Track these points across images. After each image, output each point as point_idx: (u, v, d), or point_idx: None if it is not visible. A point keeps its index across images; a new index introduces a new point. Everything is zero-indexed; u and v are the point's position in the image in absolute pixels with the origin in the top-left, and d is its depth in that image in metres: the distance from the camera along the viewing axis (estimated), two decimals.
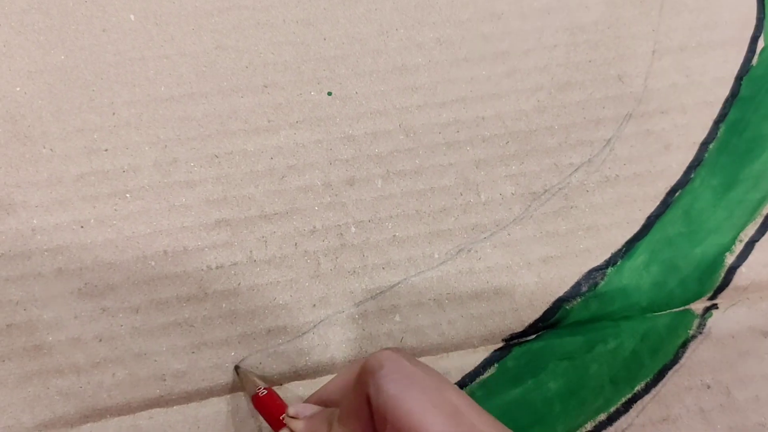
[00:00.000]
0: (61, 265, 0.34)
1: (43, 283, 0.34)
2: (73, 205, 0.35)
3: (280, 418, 0.30)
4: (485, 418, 0.24)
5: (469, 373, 0.35)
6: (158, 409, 0.33)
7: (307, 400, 0.31)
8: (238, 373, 0.34)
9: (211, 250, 0.35)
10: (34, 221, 0.35)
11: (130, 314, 0.34)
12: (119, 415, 0.33)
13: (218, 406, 0.34)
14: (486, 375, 0.35)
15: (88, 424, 0.33)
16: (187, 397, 0.34)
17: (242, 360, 0.34)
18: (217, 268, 0.35)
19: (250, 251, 0.35)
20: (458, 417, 0.23)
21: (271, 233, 0.36)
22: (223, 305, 0.35)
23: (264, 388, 0.32)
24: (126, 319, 0.34)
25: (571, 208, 0.37)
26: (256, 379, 0.33)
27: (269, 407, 0.31)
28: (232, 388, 0.34)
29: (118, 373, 0.33)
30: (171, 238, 0.35)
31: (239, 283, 0.35)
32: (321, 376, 0.34)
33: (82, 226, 0.35)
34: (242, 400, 0.34)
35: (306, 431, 0.28)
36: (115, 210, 0.35)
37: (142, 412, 0.33)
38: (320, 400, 0.30)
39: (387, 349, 0.26)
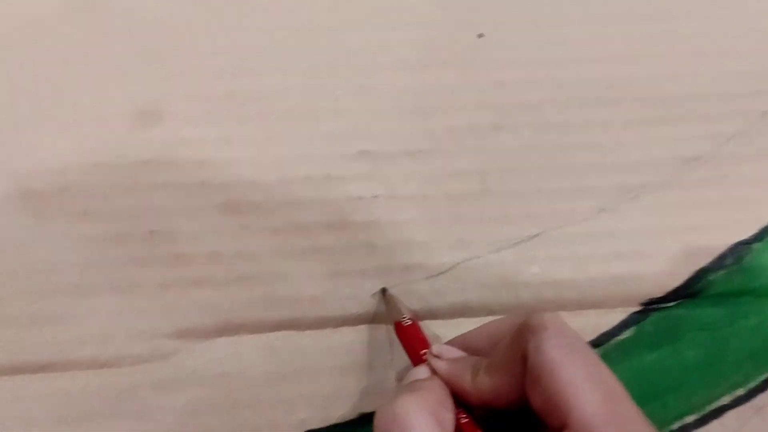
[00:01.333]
0: (205, 179, 0.34)
1: (186, 194, 0.34)
2: (220, 121, 0.35)
3: (421, 353, 0.29)
4: (633, 405, 0.23)
5: (606, 332, 0.34)
6: (292, 332, 0.33)
7: (449, 343, 0.30)
8: (384, 296, 0.33)
9: (352, 181, 0.35)
10: (182, 132, 0.35)
11: (270, 235, 0.34)
12: (253, 332, 0.33)
13: (350, 335, 0.33)
14: (622, 337, 0.34)
15: (223, 338, 0.33)
16: (321, 323, 0.34)
17: (374, 294, 0.34)
18: (358, 198, 0.35)
19: (392, 186, 0.35)
20: (615, 400, 0.23)
21: (414, 170, 0.35)
22: (362, 236, 0.34)
23: (408, 318, 0.31)
24: (266, 239, 0.34)
25: (722, 178, 0.36)
26: (401, 306, 0.32)
27: (411, 339, 0.31)
28: (366, 319, 0.34)
29: (255, 290, 0.33)
30: (314, 165, 0.35)
31: (379, 217, 0.35)
32: (455, 318, 0.34)
33: (227, 143, 0.35)
34: (376, 332, 0.33)
35: (448, 373, 0.27)
36: (261, 130, 0.35)
37: (276, 333, 0.33)
38: (463, 346, 0.29)
39: (547, 311, 0.25)
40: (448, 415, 0.26)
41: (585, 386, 0.23)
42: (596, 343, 0.34)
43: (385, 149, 0.35)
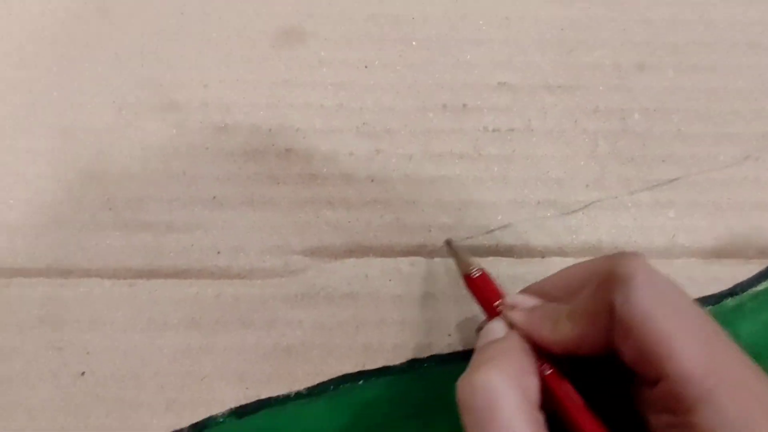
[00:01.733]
0: (343, 101, 0.34)
1: (324, 115, 0.34)
2: (360, 44, 0.35)
3: (495, 305, 0.28)
4: (735, 351, 0.22)
5: (742, 282, 0.33)
6: (420, 258, 0.33)
7: (522, 292, 0.29)
8: (449, 248, 0.32)
9: (489, 112, 0.34)
10: (322, 53, 0.35)
11: (404, 161, 0.34)
12: (383, 256, 0.33)
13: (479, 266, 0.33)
14: (759, 288, 0.33)
15: (352, 259, 0.33)
16: (450, 252, 0.33)
17: (505, 226, 0.33)
18: (493, 130, 0.34)
19: (529, 120, 0.34)
20: (711, 346, 0.22)
21: (552, 105, 0.34)
22: (495, 169, 0.34)
23: (477, 270, 0.30)
24: (399, 164, 0.34)
25: None
26: (469, 258, 0.31)
27: (483, 290, 0.29)
28: (494, 251, 0.33)
29: (386, 215, 0.33)
30: (451, 94, 0.34)
31: (514, 150, 0.34)
32: (584, 256, 0.33)
33: (366, 66, 0.35)
34: (501, 263, 0.33)
35: (526, 324, 0.26)
36: (400, 56, 0.35)
37: (405, 258, 0.33)
38: (538, 294, 0.28)
39: (632, 254, 0.24)
40: (531, 380, 0.24)
41: (681, 338, 0.21)
42: (731, 293, 0.33)
43: (524, 82, 0.34)
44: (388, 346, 0.32)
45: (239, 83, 0.34)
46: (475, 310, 0.33)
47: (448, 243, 0.32)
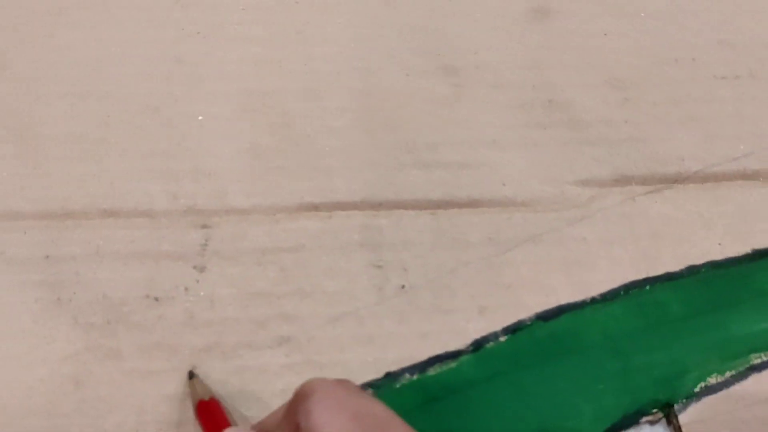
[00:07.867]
0: (591, 61, 0.40)
1: (577, 73, 0.40)
2: (600, 17, 0.42)
3: None
4: None
5: None
6: (679, 184, 0.38)
7: (253, 428, 0.31)
8: (189, 378, 0.33)
9: (716, 64, 0.40)
10: (568, 26, 0.41)
11: (649, 106, 0.40)
12: (644, 184, 0.38)
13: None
14: None
15: (617, 188, 0.38)
16: (704, 179, 0.38)
17: (748, 154, 0.38)
18: (722, 78, 0.40)
19: (750, 69, 0.40)
20: None
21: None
22: (730, 108, 0.39)
23: (211, 398, 0.32)
24: (647, 108, 0.40)
25: None
26: (207, 388, 0.33)
27: (212, 417, 0.31)
28: (741, 176, 0.38)
29: (642, 149, 0.39)
30: (682, 51, 0.41)
31: (743, 93, 0.40)
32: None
33: (605, 34, 0.41)
34: (750, 189, 0.38)
35: None
36: (634, 24, 0.41)
37: (663, 185, 0.38)
38: (262, 429, 0.30)
39: (314, 378, 0.27)
40: None
41: None
42: None
43: (742, 40, 0.41)
44: (666, 255, 0.36)
45: (506, 50, 0.41)
46: None
47: (190, 374, 0.33)
